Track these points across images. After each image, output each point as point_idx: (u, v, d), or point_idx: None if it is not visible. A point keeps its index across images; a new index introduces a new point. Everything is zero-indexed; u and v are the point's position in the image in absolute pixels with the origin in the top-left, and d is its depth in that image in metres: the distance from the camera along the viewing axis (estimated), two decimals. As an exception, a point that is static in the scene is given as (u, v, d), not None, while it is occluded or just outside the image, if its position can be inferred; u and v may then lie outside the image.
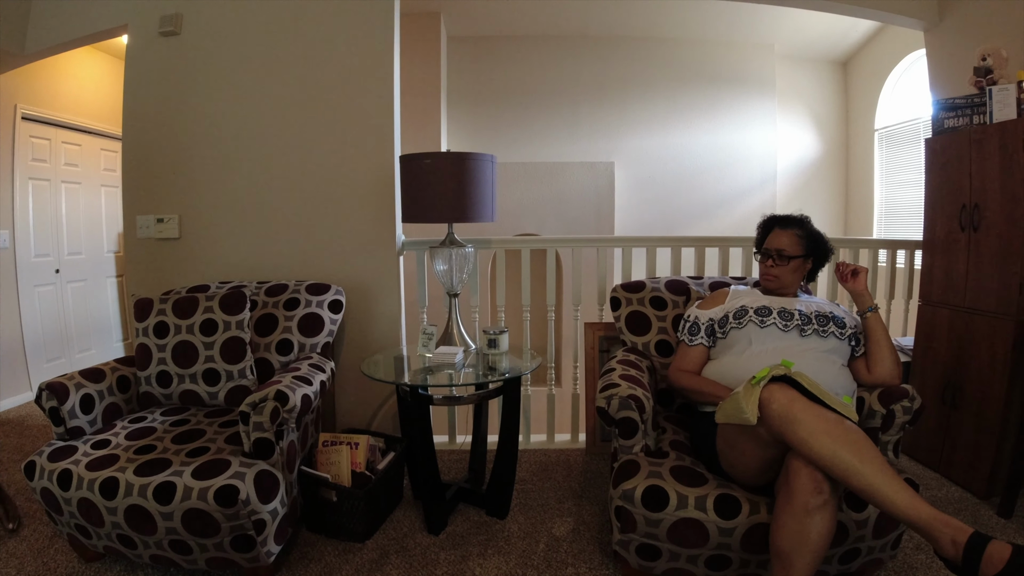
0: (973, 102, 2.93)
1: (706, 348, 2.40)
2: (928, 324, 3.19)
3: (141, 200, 3.24)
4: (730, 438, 1.95)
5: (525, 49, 6.73)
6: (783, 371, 1.81)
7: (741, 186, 6.97)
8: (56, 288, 4.99)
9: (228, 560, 2.07)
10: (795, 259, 2.38)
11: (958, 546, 1.46)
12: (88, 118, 5.19)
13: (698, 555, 1.93)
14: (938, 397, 3.07)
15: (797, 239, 2.39)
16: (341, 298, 2.94)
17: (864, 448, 1.63)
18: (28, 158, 4.67)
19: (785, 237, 2.40)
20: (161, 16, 3.15)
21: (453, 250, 2.83)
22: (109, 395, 2.43)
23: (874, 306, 2.27)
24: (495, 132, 6.79)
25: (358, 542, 2.47)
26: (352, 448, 2.54)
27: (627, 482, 1.98)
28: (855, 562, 1.96)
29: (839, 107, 7.14)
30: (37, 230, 4.78)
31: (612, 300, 2.85)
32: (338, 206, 3.21)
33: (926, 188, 3.20)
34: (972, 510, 2.70)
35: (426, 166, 2.65)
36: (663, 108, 6.87)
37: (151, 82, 3.21)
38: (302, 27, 3.17)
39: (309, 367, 2.48)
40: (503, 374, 2.63)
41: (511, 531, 2.58)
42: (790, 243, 2.39)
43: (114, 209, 5.55)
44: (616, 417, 2.12)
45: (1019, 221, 2.65)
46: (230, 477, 2.01)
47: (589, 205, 6.56)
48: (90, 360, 5.09)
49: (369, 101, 3.18)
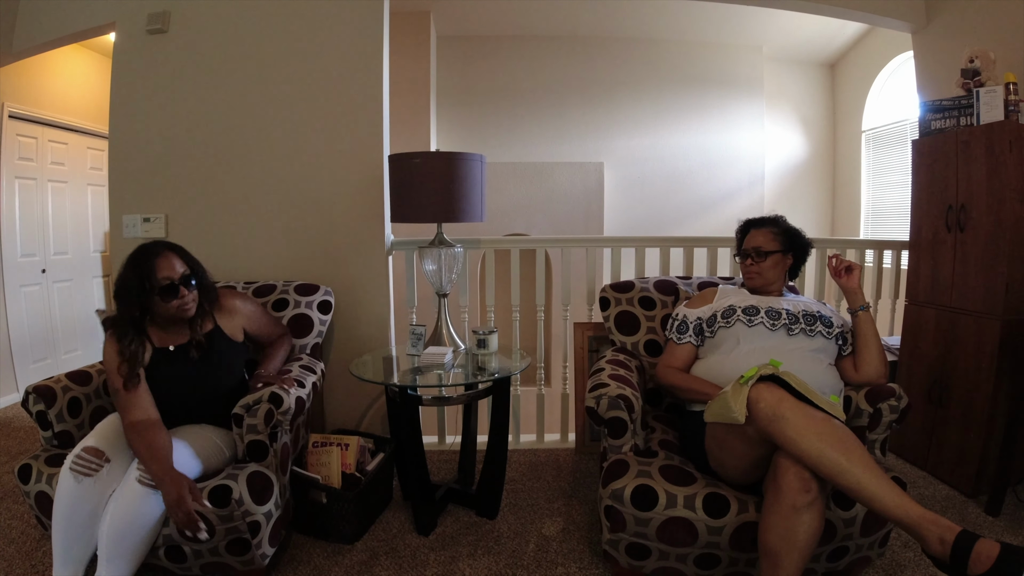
0: (960, 104, 2.95)
1: (694, 346, 2.41)
2: (914, 324, 3.21)
3: (127, 199, 3.21)
4: (719, 437, 1.95)
5: (515, 49, 6.74)
6: (771, 370, 1.82)
7: (729, 187, 6.99)
8: (42, 288, 4.95)
9: (222, 564, 2.06)
10: (773, 254, 2.42)
11: (946, 545, 1.46)
12: (75, 116, 5.15)
13: (687, 554, 1.93)
14: (925, 396, 3.09)
15: (772, 235, 2.45)
16: (330, 299, 2.93)
17: (851, 447, 1.64)
18: (15, 157, 4.62)
19: (760, 235, 2.47)
20: (149, 14, 3.13)
21: (442, 250, 2.82)
22: (96, 398, 2.41)
23: (865, 304, 2.28)
24: (484, 132, 6.79)
25: (347, 544, 2.46)
26: (343, 449, 2.53)
27: (616, 481, 1.98)
28: (843, 560, 1.97)
29: (827, 109, 7.18)
30: (23, 230, 4.74)
31: (601, 300, 2.86)
32: (327, 206, 3.20)
33: (913, 189, 3.22)
34: (959, 508, 2.72)
35: (415, 166, 2.64)
36: (652, 109, 6.89)
37: (138, 80, 3.18)
38: (291, 25, 3.15)
39: (300, 368, 2.47)
40: (492, 374, 2.62)
41: (501, 531, 2.57)
42: (765, 240, 2.45)
43: (101, 208, 5.51)
44: (605, 417, 2.12)
45: (1005, 222, 2.68)
46: (223, 478, 2.00)
47: (578, 205, 6.57)
48: (77, 361, 5.05)
49: (358, 100, 3.17)
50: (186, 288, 2.14)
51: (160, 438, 1.97)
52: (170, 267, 2.12)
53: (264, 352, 2.49)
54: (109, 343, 2.13)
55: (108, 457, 1.92)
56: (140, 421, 2.01)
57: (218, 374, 2.25)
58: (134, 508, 1.83)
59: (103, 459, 1.90)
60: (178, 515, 1.83)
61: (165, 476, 1.86)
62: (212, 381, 2.24)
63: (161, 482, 1.86)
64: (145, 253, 2.12)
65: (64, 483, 1.84)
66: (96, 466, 1.87)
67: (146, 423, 2.01)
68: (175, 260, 2.15)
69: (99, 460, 1.89)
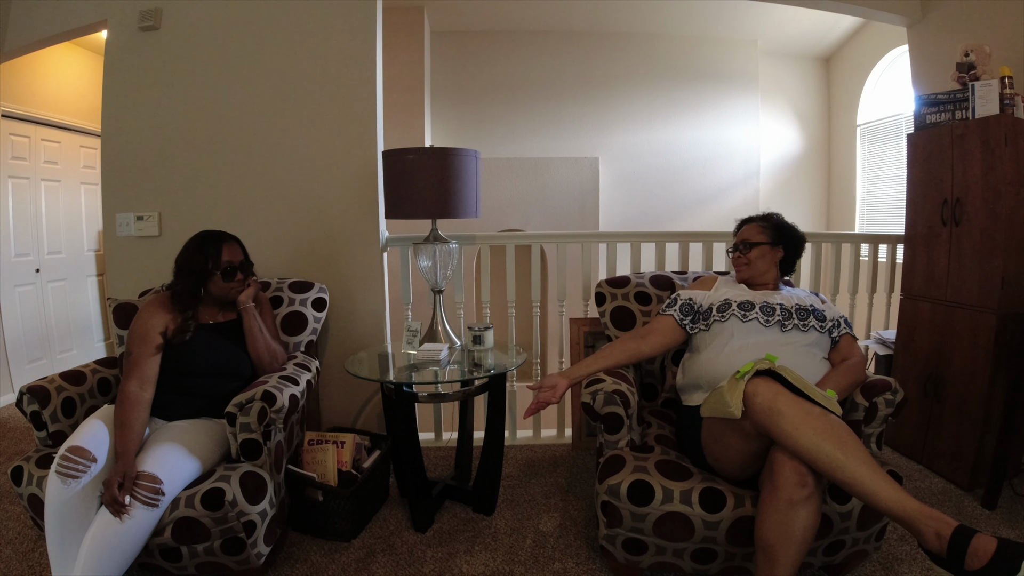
0: (955, 97, 2.95)
1: (676, 322, 2.42)
2: (910, 318, 3.22)
3: (121, 198, 3.19)
4: (715, 432, 1.96)
5: (509, 44, 6.72)
6: (767, 365, 1.82)
7: (724, 182, 7.00)
8: (36, 288, 4.93)
9: (218, 564, 2.06)
10: (759, 246, 2.44)
11: (943, 539, 1.46)
12: (68, 115, 5.12)
13: (684, 549, 1.94)
14: (920, 389, 3.09)
15: (761, 229, 2.49)
16: (325, 296, 2.92)
17: (848, 441, 1.64)
18: (8, 156, 4.60)
19: (750, 229, 2.52)
20: (141, 11, 3.11)
21: (437, 246, 2.82)
22: (90, 398, 2.40)
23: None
24: (479, 128, 6.78)
25: (344, 541, 2.46)
26: (338, 447, 2.53)
27: (613, 477, 1.98)
28: (840, 554, 1.97)
29: (822, 103, 7.19)
30: (17, 229, 4.71)
31: (597, 295, 2.86)
32: (321, 202, 3.19)
33: (908, 183, 3.22)
34: (956, 502, 2.73)
35: (409, 162, 2.63)
36: (647, 104, 6.88)
37: (130, 78, 3.16)
38: (284, 21, 3.14)
39: (295, 366, 2.46)
40: (488, 370, 2.62)
41: (498, 527, 2.57)
42: (753, 232, 2.49)
43: (94, 207, 5.47)
44: (601, 412, 2.12)
45: (1000, 216, 2.68)
46: (216, 480, 2.00)
47: (574, 201, 6.57)
48: (72, 361, 5.03)
49: (352, 96, 3.16)
50: (243, 273, 2.44)
51: (138, 418, 2.09)
52: (233, 253, 2.42)
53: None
54: (151, 309, 2.32)
55: (94, 456, 1.91)
56: (133, 393, 2.13)
57: (239, 354, 2.41)
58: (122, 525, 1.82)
59: (89, 458, 1.89)
60: (105, 496, 1.87)
61: (121, 453, 1.96)
62: (235, 363, 2.39)
63: (118, 456, 1.96)
64: (214, 237, 2.43)
65: (52, 487, 1.83)
66: (83, 466, 1.86)
67: (136, 397, 2.13)
68: (237, 248, 2.46)
69: (85, 460, 1.88)
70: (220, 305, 2.47)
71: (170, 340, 2.28)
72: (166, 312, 2.32)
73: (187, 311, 2.34)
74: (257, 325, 2.43)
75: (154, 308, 2.32)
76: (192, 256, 2.37)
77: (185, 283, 2.36)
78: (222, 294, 2.41)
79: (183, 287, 2.36)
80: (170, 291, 2.39)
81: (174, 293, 2.37)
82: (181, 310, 2.33)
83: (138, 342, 2.25)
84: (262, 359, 2.41)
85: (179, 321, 2.31)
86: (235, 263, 2.41)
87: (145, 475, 1.88)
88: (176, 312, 2.33)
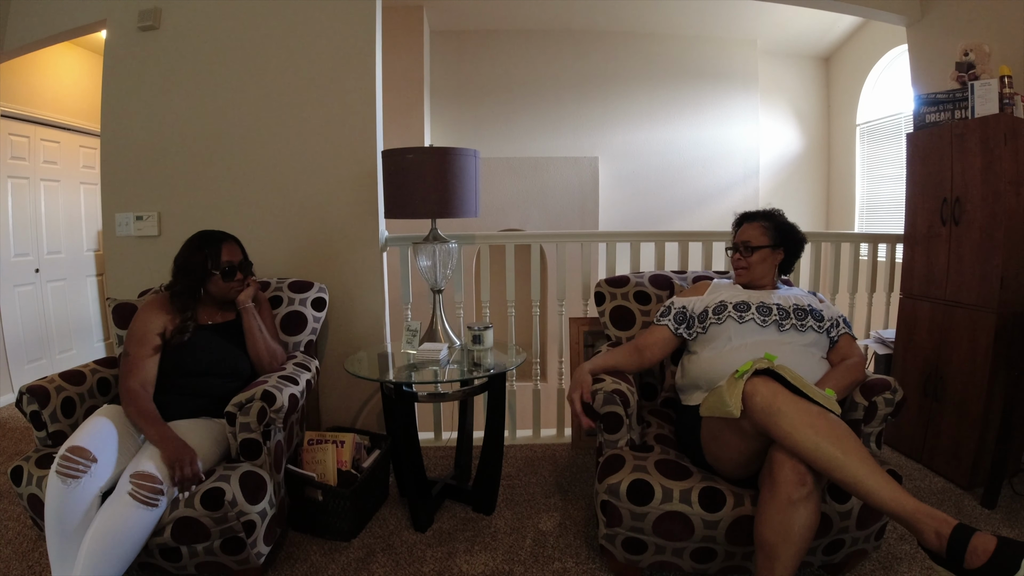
0: (955, 97, 2.95)
1: (671, 331, 2.39)
2: (910, 317, 3.22)
3: (120, 197, 3.19)
4: (714, 431, 1.96)
5: (509, 44, 6.71)
6: (766, 364, 1.82)
7: (724, 181, 6.99)
8: (36, 288, 4.92)
9: (218, 563, 2.06)
10: (761, 249, 2.41)
11: (942, 538, 1.46)
12: (67, 115, 5.12)
13: (684, 548, 1.94)
14: (920, 389, 3.09)
15: (763, 230, 2.44)
16: (324, 295, 2.92)
17: (847, 440, 1.64)
18: (7, 156, 4.60)
19: (751, 230, 2.46)
20: (140, 11, 3.10)
21: (437, 246, 2.82)
22: (90, 398, 2.40)
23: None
24: (479, 127, 6.77)
25: (344, 541, 2.46)
26: (338, 447, 2.53)
27: (612, 476, 1.98)
28: (839, 553, 1.98)
29: (821, 102, 7.18)
30: (17, 229, 4.71)
31: (596, 295, 2.85)
32: (320, 202, 3.19)
33: (907, 182, 3.22)
34: (955, 500, 2.73)
35: (409, 161, 2.64)
36: (646, 103, 6.87)
37: (130, 77, 3.16)
38: (283, 21, 3.14)
39: (294, 366, 2.46)
40: (488, 370, 2.61)
41: (498, 527, 2.57)
42: (755, 234, 2.44)
43: (93, 207, 5.47)
44: (601, 412, 2.12)
45: (1000, 215, 2.68)
46: (215, 480, 2.00)
47: (573, 200, 6.56)
48: (72, 361, 5.03)
49: (351, 96, 3.16)
50: (242, 273, 2.45)
51: (150, 405, 2.14)
52: (232, 252, 2.43)
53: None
54: (149, 309, 2.34)
55: (95, 456, 1.90)
56: (134, 390, 2.15)
57: (237, 353, 2.41)
58: (122, 525, 1.82)
59: (89, 458, 1.88)
60: (175, 474, 1.92)
61: (161, 440, 2.00)
62: (234, 363, 2.39)
63: (161, 444, 1.99)
64: (213, 237, 2.43)
65: (52, 487, 1.83)
66: (83, 466, 1.86)
67: (138, 393, 2.15)
68: (236, 248, 2.46)
69: (85, 460, 1.87)
70: (219, 305, 2.48)
71: (169, 341, 2.29)
72: (165, 313, 2.33)
73: (186, 311, 2.35)
74: (256, 325, 2.43)
75: (153, 309, 2.34)
76: (191, 256, 2.38)
77: (184, 283, 2.37)
78: (221, 294, 2.42)
79: (182, 287, 2.37)
80: (169, 291, 2.40)
81: (173, 293, 2.37)
82: (180, 310, 2.34)
83: (136, 343, 2.26)
84: (261, 359, 2.41)
85: (178, 321, 2.33)
86: (234, 263, 2.41)
87: (144, 475, 1.88)
88: (175, 312, 2.34)
